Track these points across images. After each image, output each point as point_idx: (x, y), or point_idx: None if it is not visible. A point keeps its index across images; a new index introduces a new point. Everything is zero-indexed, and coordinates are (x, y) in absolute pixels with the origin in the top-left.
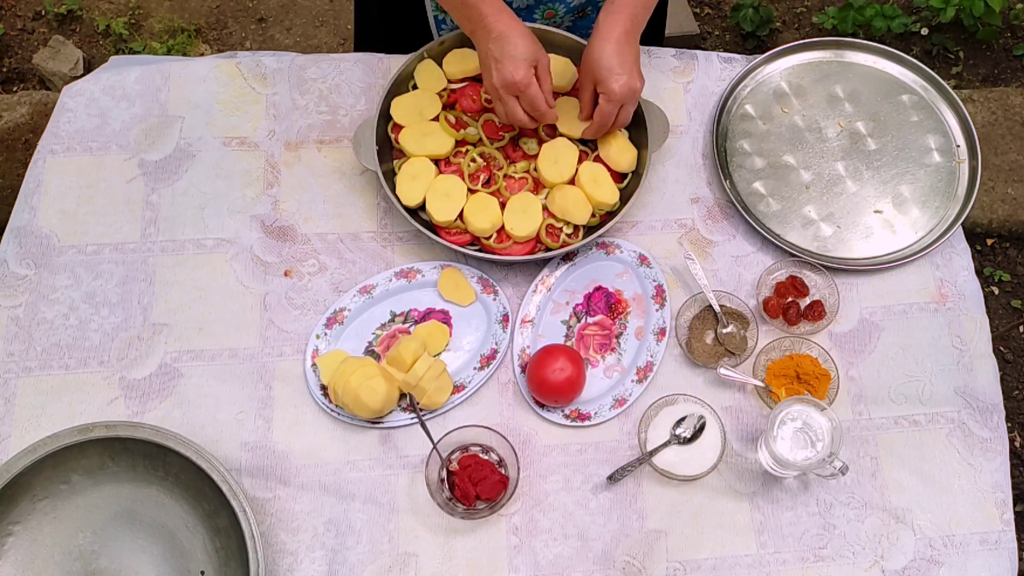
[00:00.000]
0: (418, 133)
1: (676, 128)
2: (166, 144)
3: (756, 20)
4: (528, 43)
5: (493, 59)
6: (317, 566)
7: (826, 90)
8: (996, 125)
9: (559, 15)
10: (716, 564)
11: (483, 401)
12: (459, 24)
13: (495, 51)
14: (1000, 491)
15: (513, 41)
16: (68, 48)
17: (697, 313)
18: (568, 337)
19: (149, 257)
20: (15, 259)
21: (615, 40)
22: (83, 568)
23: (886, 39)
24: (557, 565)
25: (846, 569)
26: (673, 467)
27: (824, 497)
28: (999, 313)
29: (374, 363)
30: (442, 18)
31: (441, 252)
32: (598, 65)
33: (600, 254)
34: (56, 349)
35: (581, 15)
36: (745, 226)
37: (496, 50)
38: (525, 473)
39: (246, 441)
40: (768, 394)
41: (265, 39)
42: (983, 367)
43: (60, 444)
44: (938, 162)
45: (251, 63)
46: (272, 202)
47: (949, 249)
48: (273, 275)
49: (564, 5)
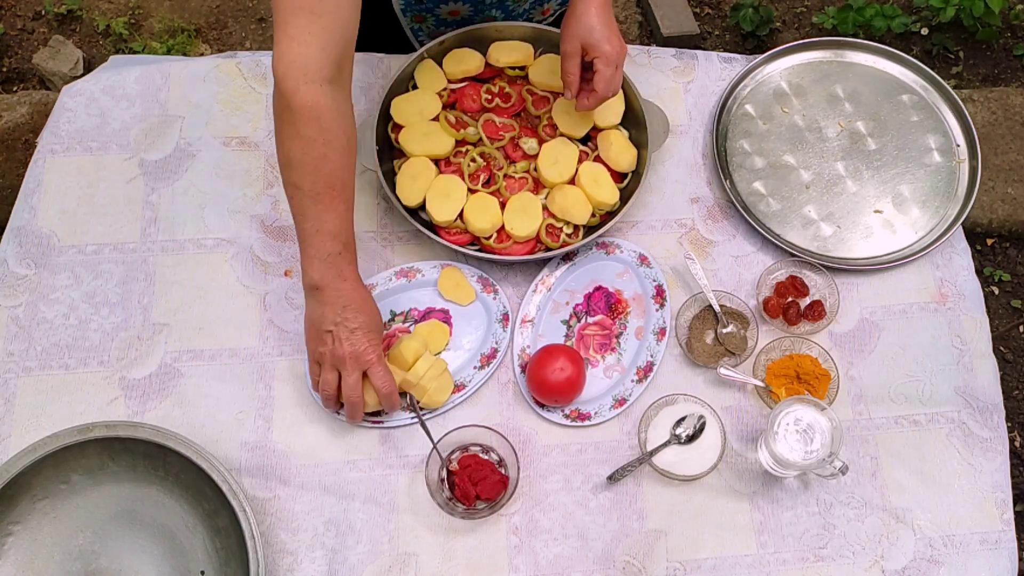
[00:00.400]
0: (418, 133)
1: (676, 128)
2: (166, 144)
3: (756, 20)
4: (379, 320)
5: (344, 328)
6: (317, 566)
7: (826, 90)
8: (996, 125)
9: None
10: (716, 564)
11: (483, 401)
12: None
13: (349, 320)
14: (1000, 491)
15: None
16: (68, 48)
17: (697, 313)
18: (568, 337)
19: (149, 257)
20: (15, 259)
21: (596, 7)
22: (83, 568)
23: (886, 39)
24: (557, 565)
25: (846, 569)
26: (673, 467)
27: (824, 497)
28: (999, 313)
29: None
30: (418, 28)
31: (441, 252)
32: (588, 32)
33: (600, 254)
34: (56, 349)
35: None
36: (745, 226)
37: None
38: (525, 473)
39: (246, 441)
40: (768, 394)
41: (265, 39)
42: (983, 367)
43: (60, 444)
44: (938, 162)
45: (251, 63)
46: (272, 202)
47: (949, 249)
48: (273, 275)
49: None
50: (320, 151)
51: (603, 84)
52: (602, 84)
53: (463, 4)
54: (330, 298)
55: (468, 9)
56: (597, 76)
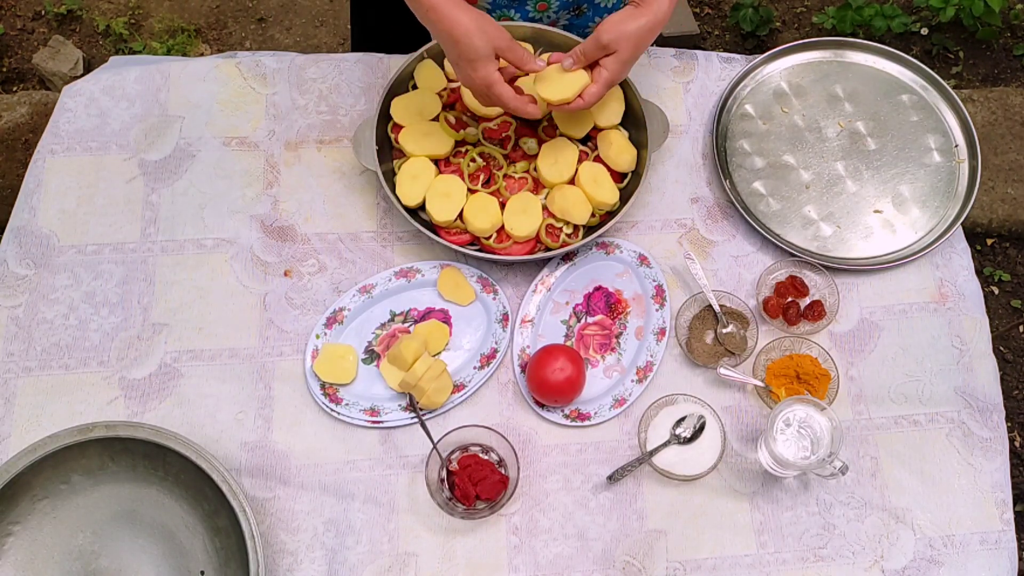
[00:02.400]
0: (418, 133)
1: (676, 128)
2: (166, 144)
3: (756, 20)
4: (477, 30)
5: (452, 59)
6: (317, 566)
7: (826, 90)
8: (996, 125)
9: (552, 8)
10: (716, 564)
11: (483, 401)
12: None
13: (451, 50)
14: (1000, 491)
15: (462, 35)
16: (68, 48)
17: (697, 313)
18: (568, 337)
19: (149, 257)
20: (15, 259)
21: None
22: (83, 568)
23: (886, 39)
24: (557, 565)
25: (846, 569)
26: (673, 467)
27: (824, 497)
28: (999, 313)
29: None
30: None
31: (441, 252)
32: (627, 46)
33: (600, 254)
34: (56, 349)
35: (577, 13)
36: (745, 226)
37: (450, 48)
38: (525, 473)
39: (246, 441)
40: (768, 394)
41: (265, 39)
42: (983, 367)
43: (60, 444)
44: (938, 162)
45: (251, 63)
46: (272, 202)
47: (949, 249)
48: (273, 275)
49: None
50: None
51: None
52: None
53: None
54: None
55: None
56: (593, 88)
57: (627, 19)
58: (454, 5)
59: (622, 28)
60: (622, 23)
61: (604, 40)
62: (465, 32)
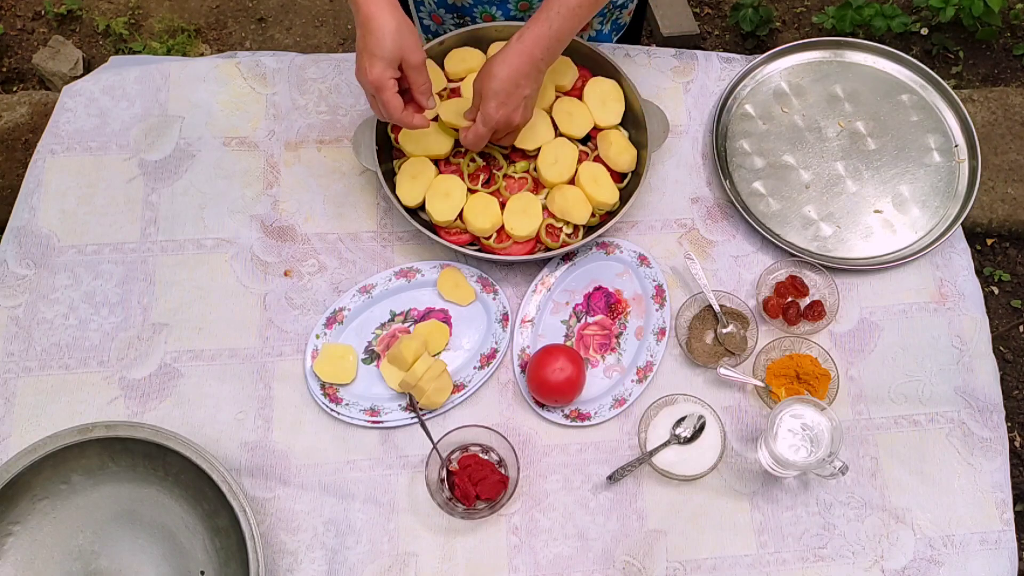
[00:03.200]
0: (417, 133)
1: (676, 128)
2: (166, 144)
3: (756, 20)
4: (390, 34)
5: (356, 49)
6: (317, 566)
7: (826, 90)
8: (996, 125)
9: (533, 5)
10: (716, 564)
11: (483, 401)
12: None
13: (358, 41)
14: (1000, 491)
15: (374, 31)
16: (68, 48)
17: (697, 313)
18: (568, 337)
19: (149, 257)
20: (15, 259)
21: (516, 68)
22: (83, 568)
23: (886, 39)
24: (557, 565)
25: (846, 569)
26: (673, 467)
27: (824, 497)
28: (999, 313)
29: None
30: (428, 24)
31: (441, 252)
32: (485, 82)
33: (600, 254)
34: (56, 349)
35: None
36: (745, 226)
37: (359, 39)
38: (525, 473)
39: (246, 441)
40: (768, 394)
41: (265, 39)
42: (983, 367)
43: (60, 444)
44: (938, 162)
45: (251, 63)
46: (272, 202)
47: (949, 249)
48: (273, 275)
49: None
50: None
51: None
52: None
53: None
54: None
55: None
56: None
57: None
58: (388, 3)
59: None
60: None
61: (475, 87)
62: (380, 27)
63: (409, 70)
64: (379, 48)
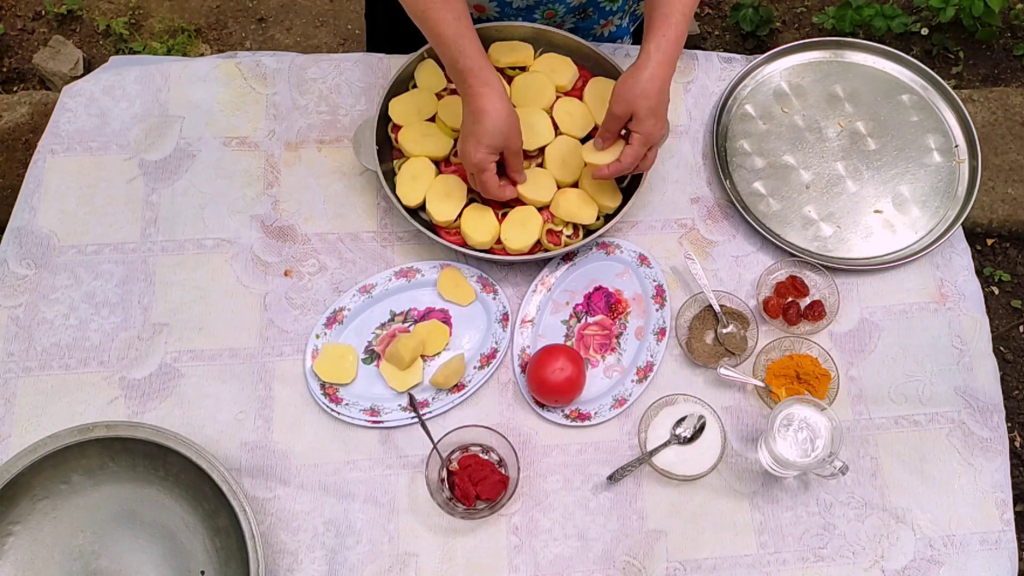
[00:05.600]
0: (417, 133)
1: (676, 128)
2: (166, 144)
3: (756, 20)
4: (499, 125)
5: (464, 130)
6: (317, 566)
7: (826, 90)
8: (996, 125)
9: (559, 15)
10: (716, 564)
11: (483, 401)
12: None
13: (467, 124)
14: (1000, 491)
15: (484, 122)
16: (68, 48)
17: (697, 313)
18: (568, 337)
19: (149, 257)
20: (15, 259)
21: (662, 80)
22: (83, 568)
23: (886, 39)
24: (557, 565)
25: (846, 569)
26: (673, 467)
27: (824, 497)
28: (999, 313)
29: None
30: None
31: (441, 252)
32: (642, 104)
33: (600, 254)
34: (56, 349)
35: (583, 16)
36: (745, 226)
37: (468, 123)
38: (525, 473)
39: (246, 441)
40: (768, 394)
41: (265, 39)
42: (983, 367)
43: (60, 444)
44: (938, 162)
45: (251, 63)
46: (272, 202)
47: (949, 249)
48: (273, 275)
49: (564, 5)
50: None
51: (630, 159)
52: (629, 159)
53: (489, 0)
54: (462, 102)
55: (495, 8)
56: (628, 150)
57: (629, 80)
58: (499, 92)
59: (627, 91)
60: (625, 86)
61: (618, 112)
62: (495, 117)
63: (508, 155)
64: (487, 137)
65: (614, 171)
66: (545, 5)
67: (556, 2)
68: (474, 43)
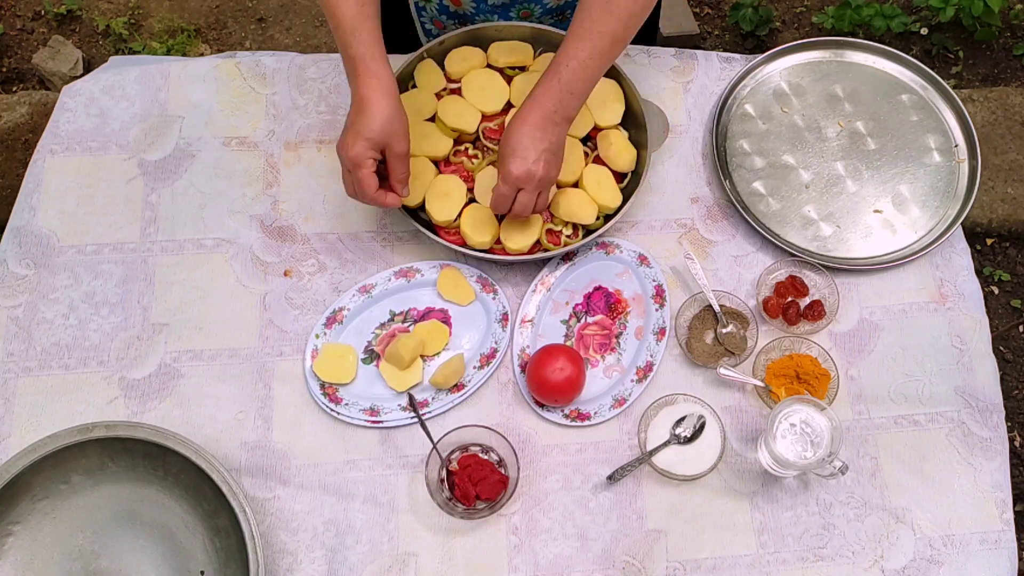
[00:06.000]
0: (416, 134)
1: (676, 128)
2: (166, 144)
3: (756, 20)
4: (382, 119)
5: (346, 122)
6: (317, 566)
7: (826, 90)
8: (996, 125)
9: (535, 15)
10: (716, 564)
11: (483, 401)
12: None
13: (350, 115)
14: (1000, 491)
15: (365, 113)
16: (68, 48)
17: (697, 313)
18: (568, 337)
19: (149, 257)
20: (15, 259)
21: (529, 124)
22: (83, 568)
23: (885, 39)
24: (557, 565)
25: (846, 569)
26: (673, 467)
27: (824, 497)
28: (999, 313)
29: None
30: (422, 6)
31: (441, 252)
32: (503, 145)
33: (600, 254)
34: (56, 349)
35: (560, 17)
36: (745, 226)
37: (351, 114)
38: (525, 473)
39: (246, 441)
40: (768, 394)
41: (265, 39)
42: (983, 367)
43: (60, 444)
44: (938, 162)
45: (251, 63)
46: (272, 202)
47: (949, 249)
48: (273, 275)
49: (540, 6)
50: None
51: (495, 201)
52: (494, 200)
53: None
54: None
55: (470, 3)
56: (494, 190)
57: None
58: (387, 86)
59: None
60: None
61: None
62: (374, 111)
63: (392, 157)
64: (367, 129)
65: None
66: (521, 4)
67: (532, 2)
68: (373, 33)
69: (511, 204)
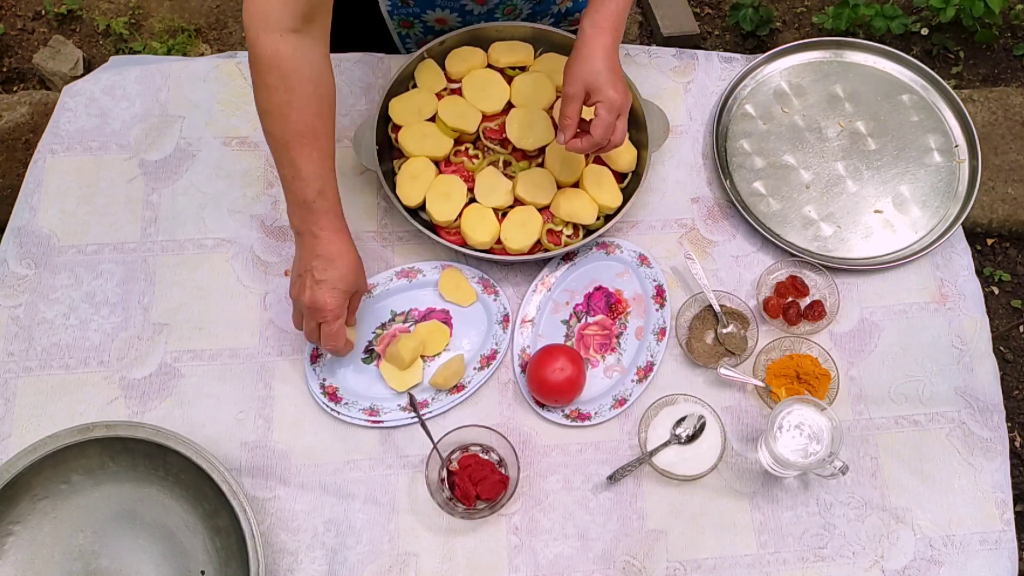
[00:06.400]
0: (417, 134)
1: (676, 128)
2: (166, 144)
3: (756, 20)
4: (353, 273)
5: (311, 277)
6: (317, 566)
7: (826, 90)
8: (996, 125)
9: (517, 7)
10: (716, 564)
11: (483, 401)
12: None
13: (318, 269)
14: (1000, 491)
15: (340, 267)
16: (68, 48)
17: (697, 313)
18: (568, 337)
19: (149, 257)
20: (15, 259)
21: (605, 50)
22: (83, 568)
23: (886, 39)
24: (557, 565)
25: (846, 569)
26: (673, 467)
27: (824, 497)
28: (999, 313)
29: None
30: (405, 34)
31: (441, 252)
32: (594, 76)
33: (600, 254)
34: (56, 349)
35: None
36: (745, 226)
37: (320, 269)
38: (525, 473)
39: (246, 441)
40: (768, 394)
41: None
42: (983, 367)
43: (60, 444)
44: (938, 162)
45: None
46: (272, 202)
47: (949, 249)
48: (273, 275)
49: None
50: (283, 98)
51: (601, 130)
52: (600, 130)
53: (450, 12)
54: (306, 244)
55: (456, 19)
56: (597, 121)
57: (573, 61)
58: (350, 240)
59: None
60: (571, 67)
61: (571, 91)
62: (346, 264)
63: (356, 297)
64: (343, 282)
65: (587, 144)
66: (504, 2)
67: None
68: (334, 187)
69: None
